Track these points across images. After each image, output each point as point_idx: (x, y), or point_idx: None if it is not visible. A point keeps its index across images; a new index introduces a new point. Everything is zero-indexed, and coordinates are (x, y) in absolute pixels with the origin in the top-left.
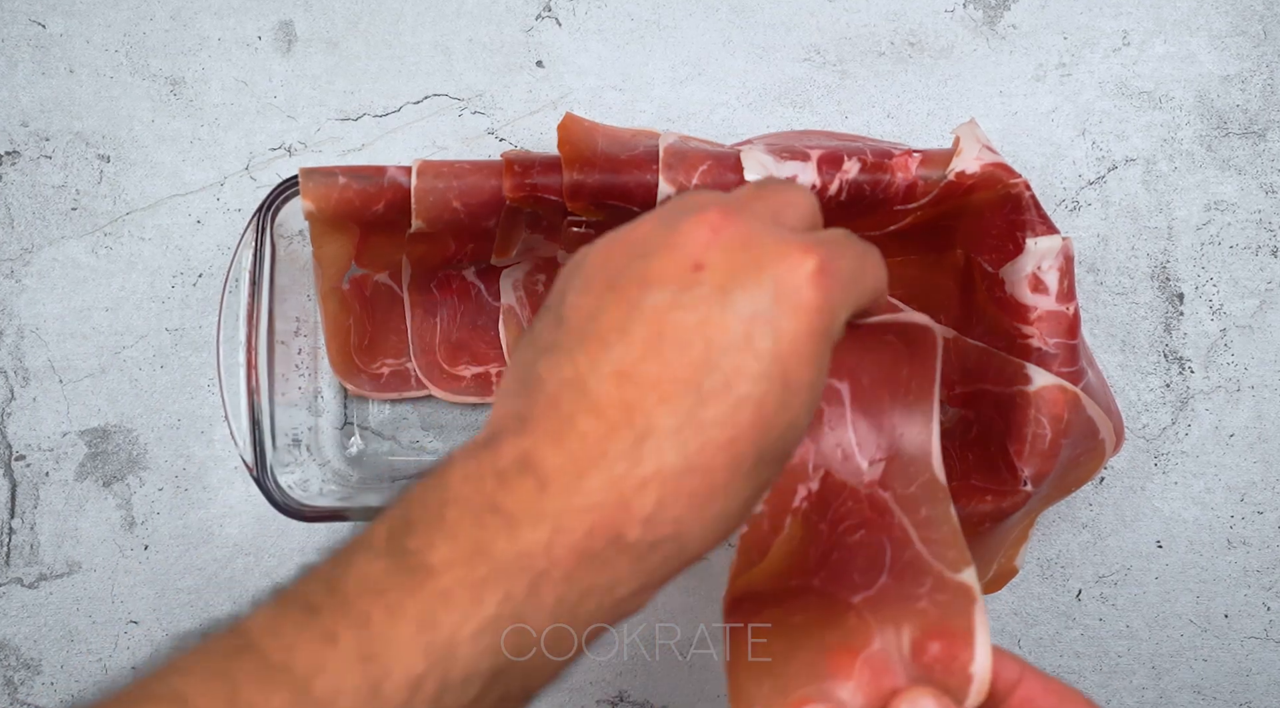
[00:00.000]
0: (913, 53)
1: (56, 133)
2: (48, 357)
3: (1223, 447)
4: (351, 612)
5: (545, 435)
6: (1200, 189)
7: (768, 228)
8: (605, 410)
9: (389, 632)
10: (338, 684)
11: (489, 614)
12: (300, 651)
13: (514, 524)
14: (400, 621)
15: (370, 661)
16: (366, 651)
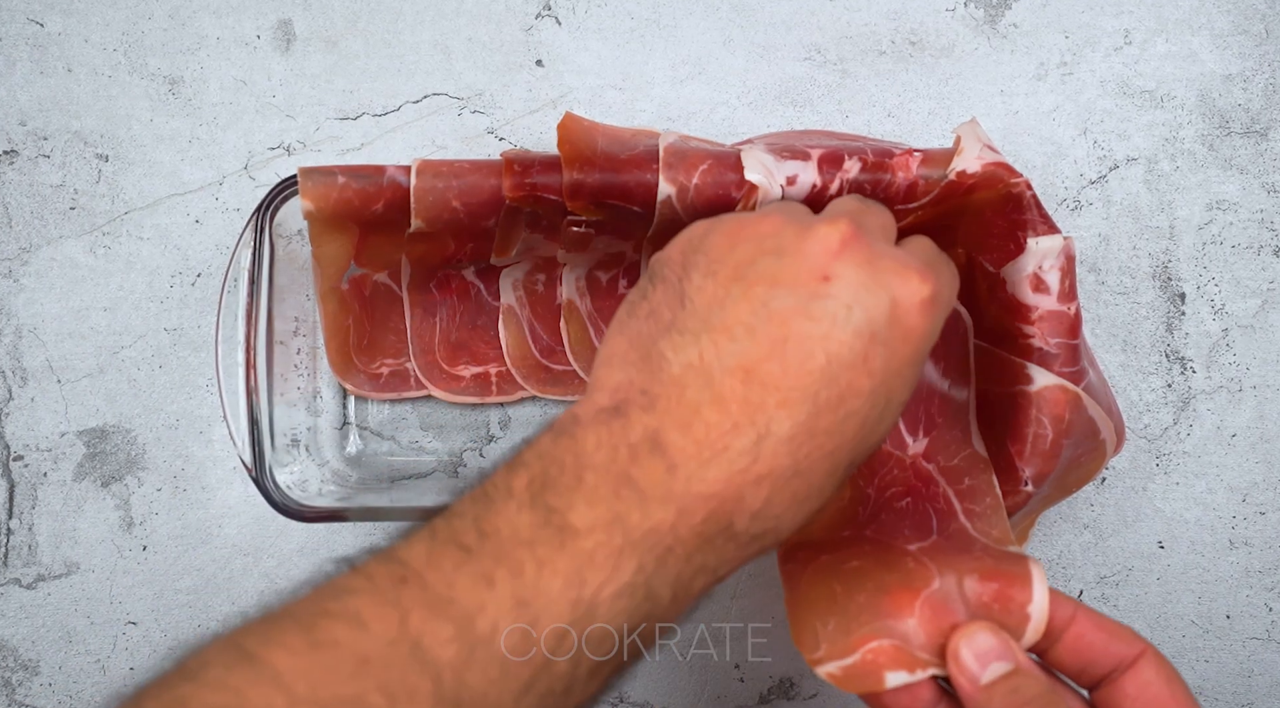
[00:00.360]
0: (914, 52)
1: (55, 132)
2: (46, 357)
3: (1225, 447)
4: (505, 559)
5: (672, 418)
6: (1202, 189)
7: (887, 248)
8: (729, 405)
9: (540, 582)
10: (496, 623)
11: (625, 580)
12: (461, 587)
13: (645, 501)
14: (550, 574)
15: (524, 606)
16: (521, 597)
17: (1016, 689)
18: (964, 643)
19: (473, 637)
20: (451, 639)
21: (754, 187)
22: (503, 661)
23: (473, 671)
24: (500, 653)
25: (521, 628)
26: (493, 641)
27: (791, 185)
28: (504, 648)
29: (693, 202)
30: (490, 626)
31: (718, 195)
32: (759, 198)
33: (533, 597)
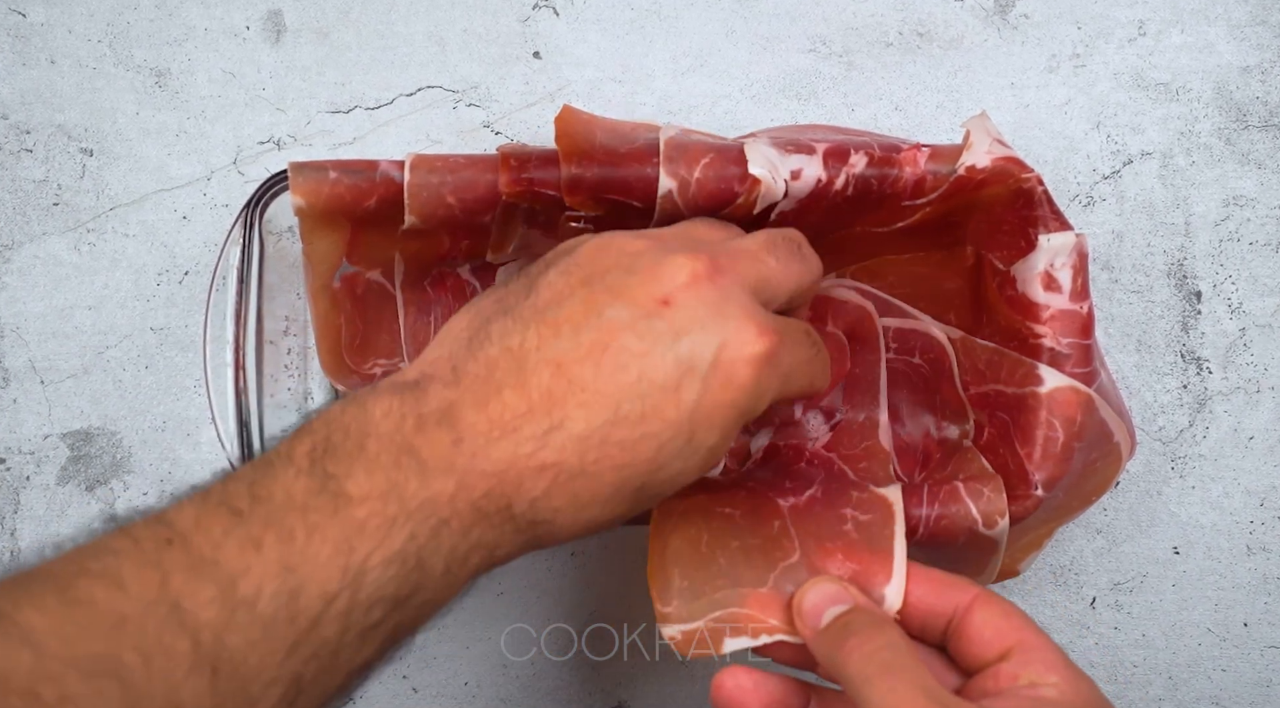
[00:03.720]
0: (921, 43)
1: (37, 125)
2: (28, 357)
3: (1242, 450)
4: (274, 523)
5: (472, 395)
6: (1219, 184)
7: (742, 297)
8: (530, 392)
9: (309, 549)
10: (260, 587)
11: (396, 549)
12: (227, 550)
13: (426, 471)
14: (320, 540)
15: (291, 571)
16: (288, 562)
17: (848, 624)
18: (804, 595)
19: (234, 599)
20: (212, 601)
21: (757, 180)
22: (265, 623)
23: (233, 632)
24: (263, 616)
25: (286, 591)
26: (256, 604)
27: (796, 180)
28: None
29: (694, 196)
30: (254, 589)
31: (720, 189)
32: (761, 192)
33: (300, 562)
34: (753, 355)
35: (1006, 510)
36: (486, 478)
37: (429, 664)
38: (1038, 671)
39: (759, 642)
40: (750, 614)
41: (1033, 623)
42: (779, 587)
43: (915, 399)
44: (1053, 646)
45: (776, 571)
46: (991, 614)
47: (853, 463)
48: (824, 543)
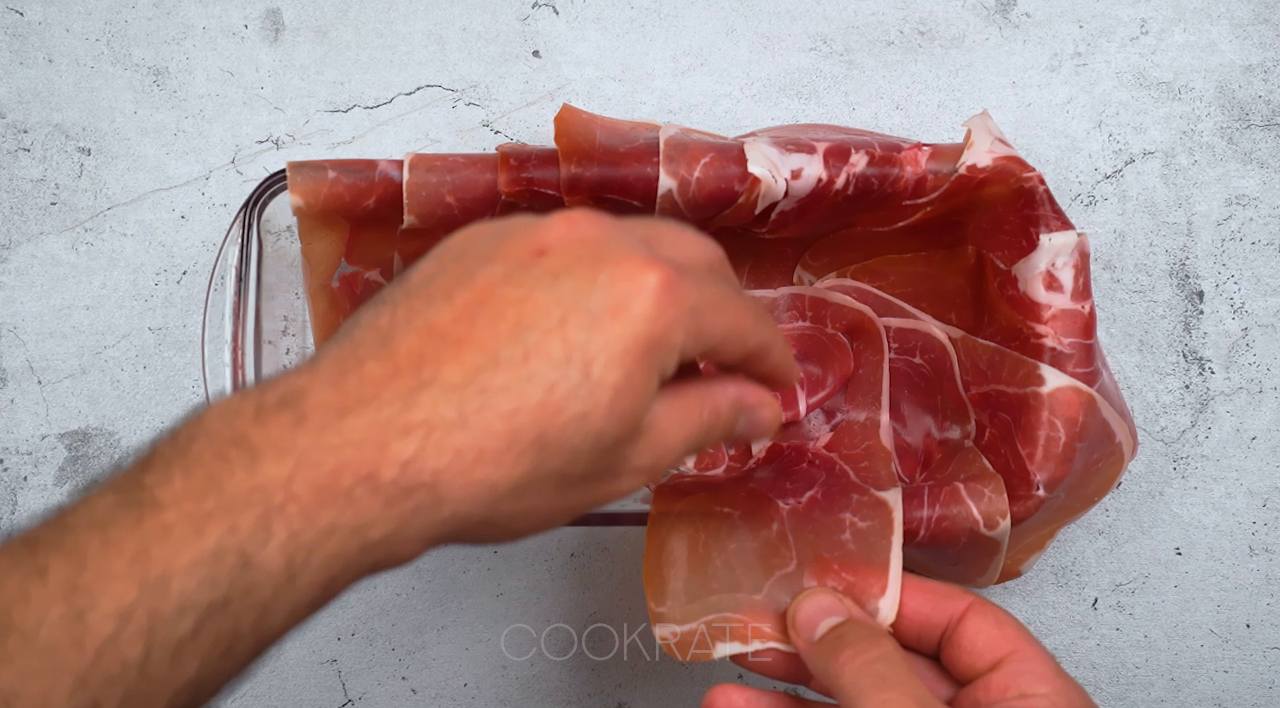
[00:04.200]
0: (922, 42)
1: (35, 125)
2: (26, 357)
3: (1244, 450)
4: (66, 545)
5: (326, 374)
6: (1221, 183)
7: (628, 239)
8: (398, 358)
9: (102, 565)
10: (40, 615)
11: (209, 547)
12: (7, 584)
13: (256, 457)
14: (115, 554)
15: (77, 591)
16: (74, 582)
17: (842, 636)
18: (799, 607)
19: (6, 629)
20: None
21: (758, 180)
22: (45, 652)
23: (4, 667)
24: (42, 644)
25: (72, 614)
26: (34, 633)
27: (797, 179)
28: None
29: (694, 195)
30: (33, 617)
31: (720, 189)
32: (761, 192)
33: (89, 581)
34: (646, 284)
35: (1008, 511)
36: (337, 452)
37: (428, 666)
38: (1029, 682)
39: (751, 648)
40: (744, 620)
41: (1026, 632)
42: (774, 595)
43: (916, 399)
44: (1045, 655)
45: (773, 578)
46: (985, 624)
47: (854, 463)
48: (820, 553)
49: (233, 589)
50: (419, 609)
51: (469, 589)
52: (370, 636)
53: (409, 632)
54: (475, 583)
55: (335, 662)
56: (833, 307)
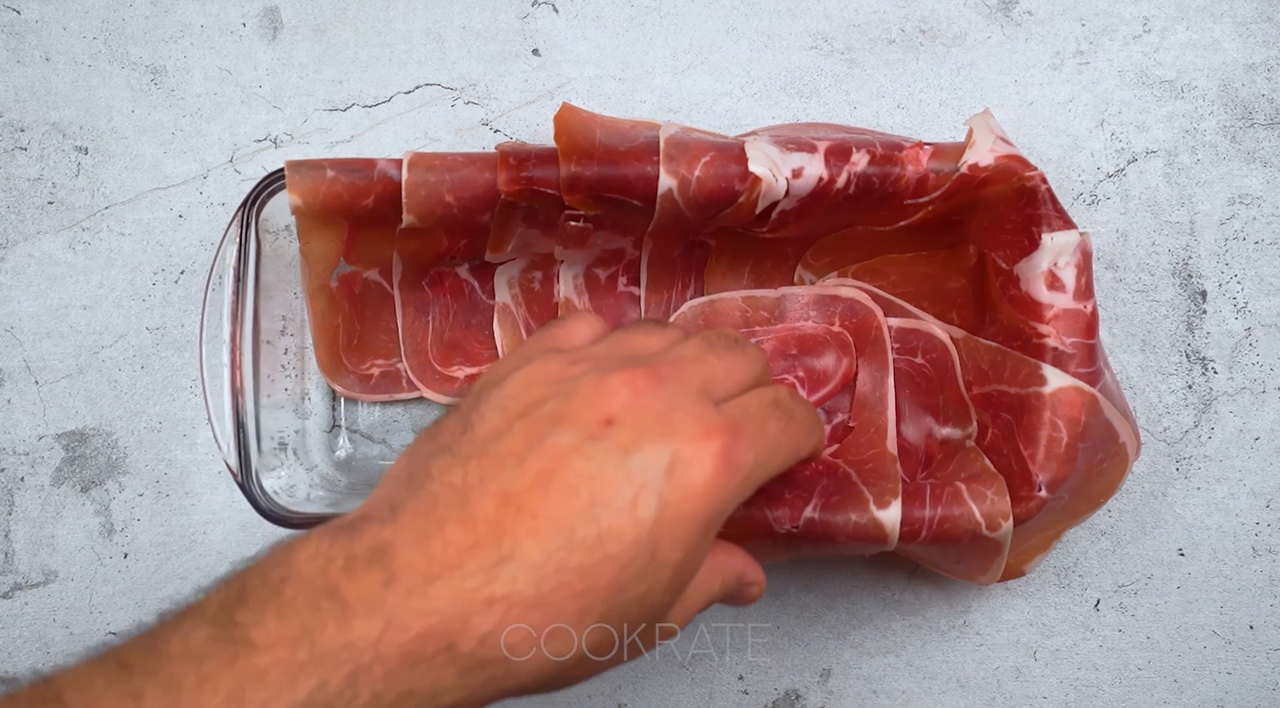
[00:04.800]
0: (924, 40)
1: (32, 123)
2: (23, 357)
3: (1247, 450)
4: (162, 674)
5: (410, 533)
6: (1224, 182)
7: (690, 400)
8: (478, 525)
9: (196, 698)
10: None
11: (299, 699)
12: (102, 705)
13: (348, 613)
14: (210, 691)
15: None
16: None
17: None
18: None
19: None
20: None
21: (758, 179)
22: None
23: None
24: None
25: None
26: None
27: (797, 178)
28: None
29: (694, 195)
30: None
31: (720, 188)
32: (762, 191)
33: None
34: (707, 462)
35: (1010, 513)
36: (423, 617)
37: None
38: None
39: None
40: None
41: None
42: None
43: (918, 399)
44: None
45: None
46: None
47: (859, 467)
48: None
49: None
50: None
51: None
52: None
53: None
54: None
55: None
56: (843, 302)
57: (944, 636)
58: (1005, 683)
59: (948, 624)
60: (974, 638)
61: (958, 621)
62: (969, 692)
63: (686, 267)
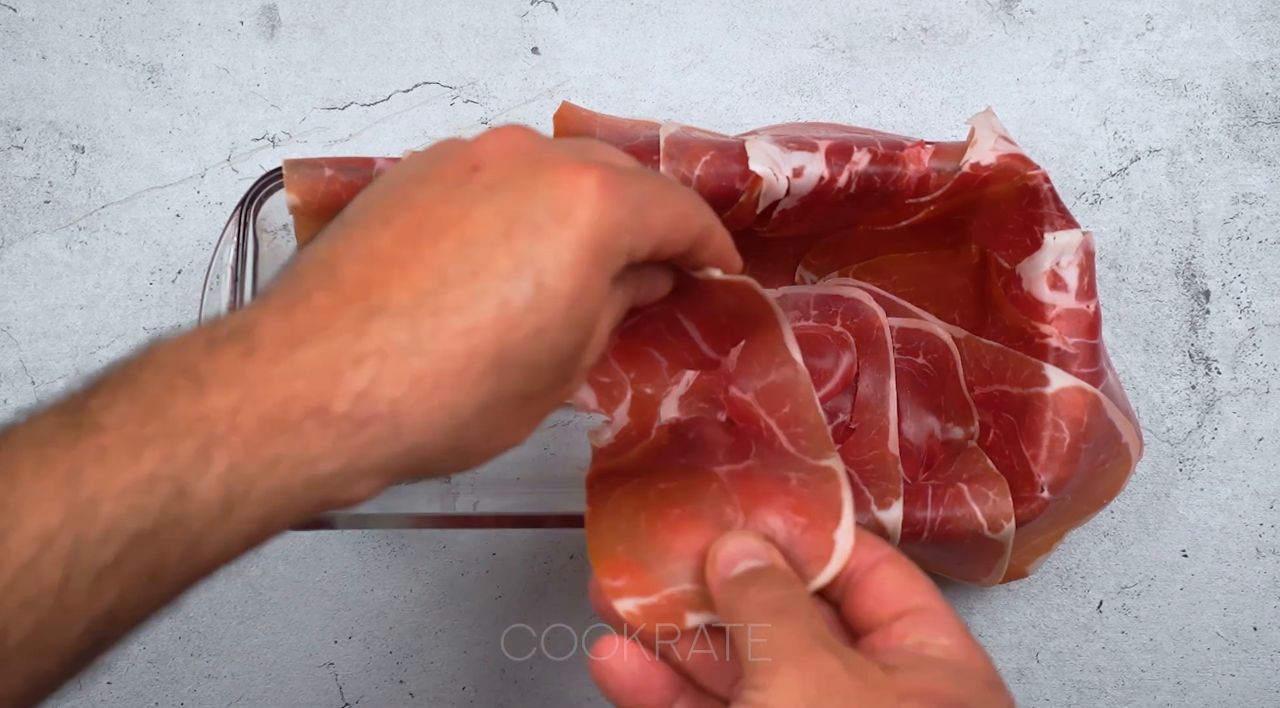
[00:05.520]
0: (926, 39)
1: (28, 122)
2: (19, 357)
3: (1251, 451)
4: (2, 460)
5: (274, 308)
6: (1227, 181)
7: (558, 147)
8: (345, 286)
9: (33, 485)
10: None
11: (143, 473)
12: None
13: (202, 387)
14: (46, 474)
15: (4, 509)
16: (3, 500)
17: (757, 574)
18: (723, 544)
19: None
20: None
21: (759, 178)
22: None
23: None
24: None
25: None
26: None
27: (798, 177)
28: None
29: None
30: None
31: (721, 187)
32: (763, 190)
33: (16, 500)
34: (587, 188)
35: (1012, 514)
36: (286, 383)
37: (426, 669)
38: (929, 631)
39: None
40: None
41: (937, 590)
42: None
43: (919, 400)
44: (953, 613)
45: None
46: (897, 573)
47: (860, 468)
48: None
49: (163, 519)
50: (417, 612)
51: (467, 592)
52: (367, 639)
53: (407, 635)
54: (474, 585)
55: (332, 665)
56: (845, 302)
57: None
58: (1008, 685)
59: None
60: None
61: None
62: None
63: None
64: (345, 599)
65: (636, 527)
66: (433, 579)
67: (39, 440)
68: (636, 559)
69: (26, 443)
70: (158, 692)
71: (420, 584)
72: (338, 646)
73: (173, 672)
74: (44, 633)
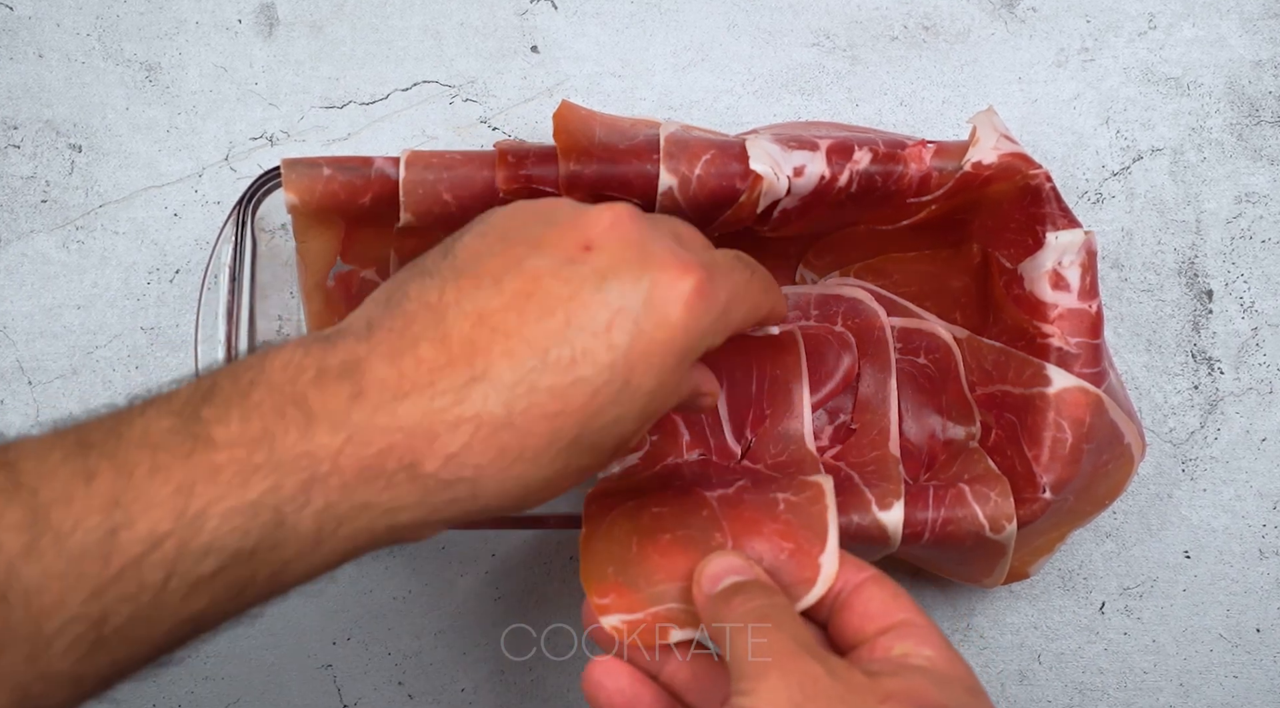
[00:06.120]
0: (927, 37)
1: (25, 121)
2: (16, 357)
3: (1254, 452)
4: (119, 457)
5: (384, 349)
6: (1230, 180)
7: (664, 238)
8: (451, 344)
9: (147, 487)
10: (77, 518)
11: (250, 499)
12: (54, 479)
13: (312, 423)
14: (161, 480)
15: (117, 506)
16: (119, 497)
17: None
18: (709, 563)
19: (43, 526)
20: (17, 526)
21: (759, 177)
22: (73, 556)
23: (32, 561)
24: (72, 548)
25: (107, 526)
26: (69, 535)
27: (799, 176)
28: (79, 543)
29: (695, 193)
30: (72, 520)
31: (721, 186)
32: (763, 189)
33: (131, 499)
34: (684, 291)
35: (1014, 515)
36: (387, 434)
37: (425, 671)
38: (913, 643)
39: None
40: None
41: (919, 608)
42: None
43: (921, 400)
44: (936, 628)
45: None
46: (881, 592)
47: (861, 469)
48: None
49: (261, 543)
50: (416, 613)
51: (467, 593)
52: (366, 640)
53: (406, 636)
54: (473, 587)
55: (330, 667)
56: (846, 302)
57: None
58: (1009, 687)
59: (951, 627)
60: (978, 641)
61: (961, 624)
62: None
63: None
64: (344, 601)
65: (628, 550)
66: (432, 580)
67: (155, 444)
68: (625, 580)
69: (141, 443)
70: (155, 693)
71: (419, 585)
72: (336, 647)
73: (170, 673)
74: (136, 625)
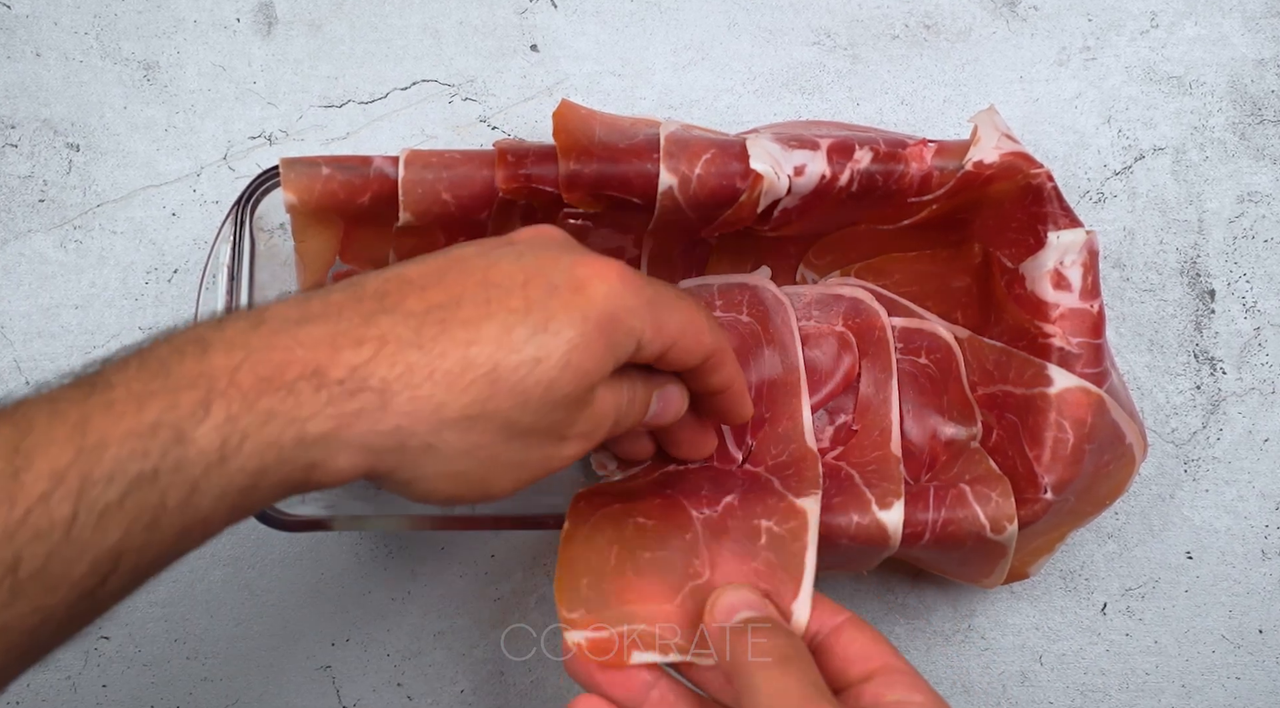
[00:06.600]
0: (928, 36)
1: (23, 120)
2: (13, 357)
3: (1256, 452)
4: (17, 414)
5: (292, 300)
6: (1233, 180)
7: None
8: (365, 294)
9: (46, 432)
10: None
11: (146, 420)
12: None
13: (207, 350)
14: (59, 422)
15: (17, 452)
16: (17, 445)
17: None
18: (723, 595)
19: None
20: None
21: (760, 176)
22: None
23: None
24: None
25: (9, 471)
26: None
27: (800, 176)
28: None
29: (695, 193)
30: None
31: (721, 186)
32: (764, 189)
33: (30, 445)
34: (608, 273)
35: (1015, 515)
36: (289, 350)
37: (424, 672)
38: (903, 690)
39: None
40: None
41: (899, 653)
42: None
43: (922, 400)
44: (916, 673)
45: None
46: (861, 635)
47: (861, 469)
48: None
49: (163, 462)
50: (414, 614)
51: (466, 594)
52: (365, 641)
53: (404, 637)
54: (472, 587)
55: (329, 668)
56: (847, 301)
57: (948, 640)
58: (1010, 688)
59: (952, 629)
60: (979, 643)
61: (962, 625)
62: (974, 697)
63: (687, 265)
64: (342, 602)
65: (606, 561)
66: (431, 581)
67: (53, 398)
68: (597, 594)
69: (42, 400)
70: (153, 695)
71: (418, 586)
72: (335, 648)
73: (168, 675)
74: (53, 565)
